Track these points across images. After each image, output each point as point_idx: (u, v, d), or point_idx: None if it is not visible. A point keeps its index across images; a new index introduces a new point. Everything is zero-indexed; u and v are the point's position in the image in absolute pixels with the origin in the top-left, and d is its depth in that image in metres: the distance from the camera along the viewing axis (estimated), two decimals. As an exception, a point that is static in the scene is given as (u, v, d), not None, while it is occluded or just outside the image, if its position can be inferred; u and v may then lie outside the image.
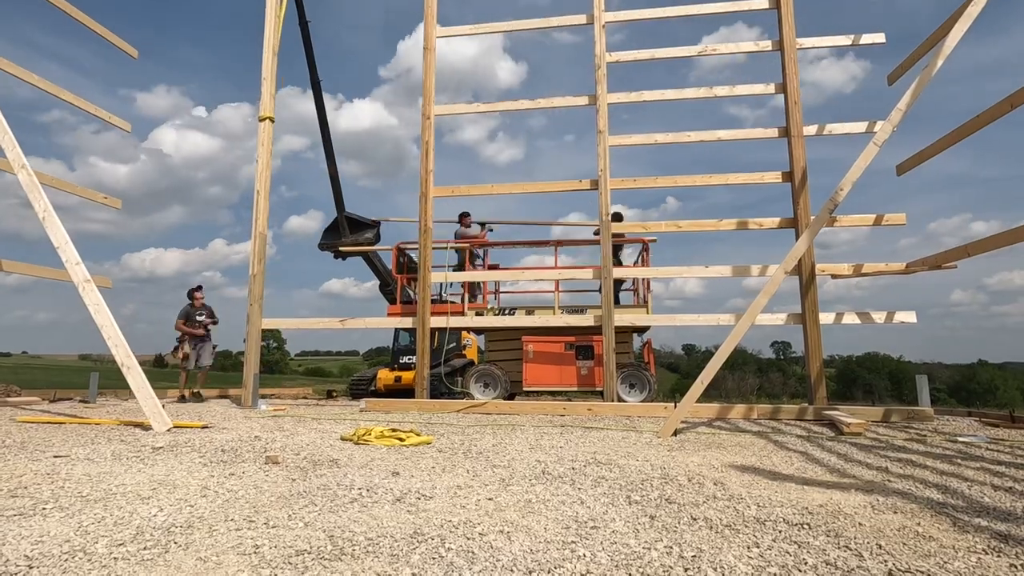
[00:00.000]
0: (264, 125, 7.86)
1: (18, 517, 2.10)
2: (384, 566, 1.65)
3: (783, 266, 5.54)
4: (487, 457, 3.50)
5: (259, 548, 1.79)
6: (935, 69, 5.65)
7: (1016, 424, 5.33)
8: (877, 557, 1.76)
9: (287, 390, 12.01)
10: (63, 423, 5.08)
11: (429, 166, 7.75)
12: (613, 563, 1.69)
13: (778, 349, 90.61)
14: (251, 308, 7.53)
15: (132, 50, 9.10)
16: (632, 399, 7.96)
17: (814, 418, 5.79)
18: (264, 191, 7.73)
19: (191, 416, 5.81)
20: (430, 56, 7.92)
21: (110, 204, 8.82)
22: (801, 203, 6.81)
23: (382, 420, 5.55)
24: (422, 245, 7.57)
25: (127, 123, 9.18)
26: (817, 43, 7.39)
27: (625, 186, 7.89)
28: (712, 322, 7.04)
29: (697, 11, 7.53)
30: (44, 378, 32.31)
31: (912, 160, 6.69)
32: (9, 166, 6.23)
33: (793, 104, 7.00)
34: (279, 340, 72.09)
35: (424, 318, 7.41)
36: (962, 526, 2.09)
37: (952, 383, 52.41)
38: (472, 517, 2.15)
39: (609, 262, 7.11)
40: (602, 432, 4.81)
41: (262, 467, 3.11)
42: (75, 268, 5.70)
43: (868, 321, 6.59)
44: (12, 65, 7.24)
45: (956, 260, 5.89)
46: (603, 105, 7.42)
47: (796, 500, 2.45)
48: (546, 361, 8.33)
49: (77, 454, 3.44)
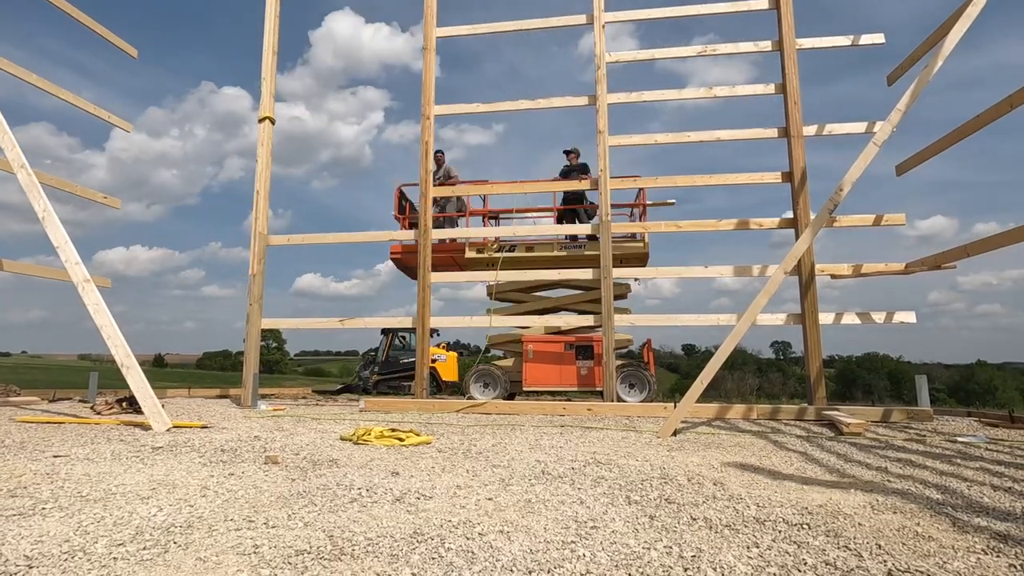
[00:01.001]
0: (264, 125, 7.85)
1: (17, 517, 2.10)
2: (384, 566, 1.65)
3: (783, 266, 5.54)
4: (487, 457, 3.50)
5: (259, 548, 1.79)
6: (934, 69, 5.65)
7: (1015, 424, 5.33)
8: (876, 557, 1.76)
9: (287, 390, 12.01)
10: (63, 423, 5.08)
11: (429, 166, 7.74)
12: (613, 563, 1.69)
13: (778, 349, 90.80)
14: (251, 308, 7.53)
15: (132, 50, 9.10)
16: (632, 399, 7.97)
17: (814, 418, 5.79)
18: (264, 191, 7.73)
19: (191, 416, 5.81)
20: (430, 56, 7.92)
21: (109, 204, 8.81)
22: (801, 203, 6.81)
23: (382, 420, 5.55)
24: (422, 245, 7.57)
25: (127, 123, 9.18)
26: (816, 44, 7.38)
27: (625, 186, 7.90)
28: (712, 322, 7.05)
29: (697, 11, 7.53)
30: (44, 378, 32.32)
31: (912, 160, 6.69)
32: (8, 166, 6.22)
33: (793, 104, 7.00)
34: (279, 340, 72.10)
35: (424, 318, 7.41)
36: (961, 526, 2.09)
37: (951, 383, 52.47)
38: (472, 517, 2.15)
39: (609, 262, 7.10)
40: (602, 432, 4.81)
41: (262, 467, 3.11)
42: (74, 268, 5.70)
43: (868, 321, 6.59)
44: (12, 65, 7.24)
45: (955, 260, 5.90)
46: (603, 105, 7.42)
47: (796, 500, 2.45)
48: (546, 361, 8.35)
49: (77, 454, 3.44)
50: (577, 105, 7.63)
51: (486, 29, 8.19)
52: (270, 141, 7.90)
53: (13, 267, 7.22)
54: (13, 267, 7.22)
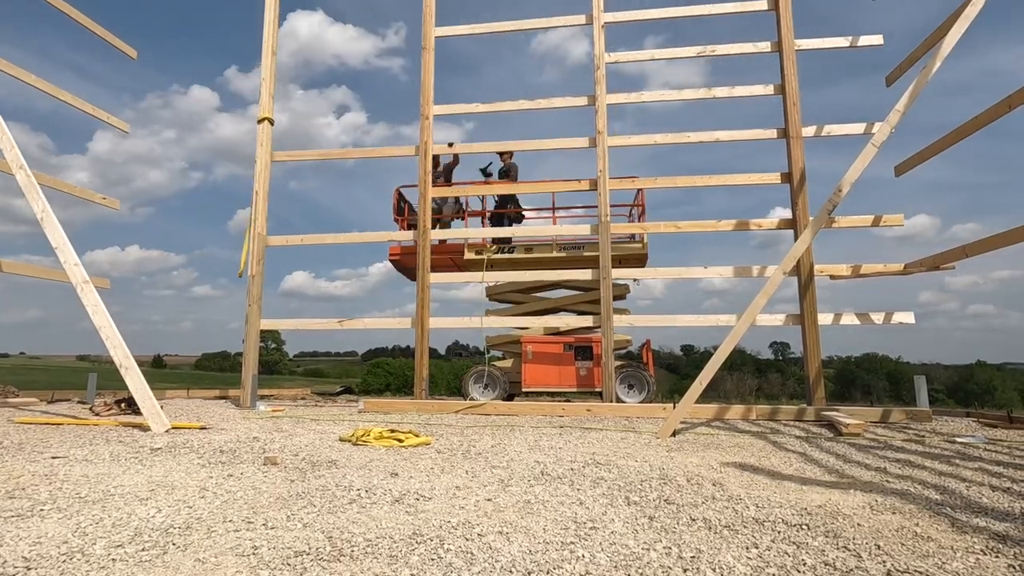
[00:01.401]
0: (263, 126, 7.85)
1: (16, 518, 2.10)
2: (383, 567, 1.65)
3: (782, 267, 5.54)
4: (486, 458, 3.50)
5: (257, 549, 1.79)
6: (933, 70, 5.65)
7: (1014, 425, 5.33)
8: (876, 558, 1.76)
9: (286, 391, 12.00)
10: (61, 424, 5.08)
11: (427, 166, 7.75)
12: (612, 564, 1.69)
13: (777, 350, 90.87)
14: (250, 309, 7.52)
15: (131, 51, 9.10)
16: (631, 400, 7.97)
17: (813, 419, 5.79)
18: (263, 192, 7.73)
19: (189, 417, 5.80)
20: (428, 56, 7.92)
21: (108, 204, 8.80)
22: (800, 204, 6.81)
23: (381, 421, 5.54)
24: (421, 246, 7.56)
25: (125, 124, 9.17)
26: (815, 44, 7.39)
27: (624, 186, 7.90)
28: (711, 323, 7.06)
29: (697, 11, 7.54)
30: (42, 379, 32.29)
31: (911, 160, 6.70)
32: (7, 167, 6.22)
33: (792, 105, 7.01)
34: (278, 341, 72.09)
35: (423, 318, 7.40)
36: (960, 526, 2.09)
37: (950, 384, 52.53)
38: (471, 518, 2.15)
39: (608, 262, 7.10)
40: (601, 433, 4.81)
41: (260, 468, 3.11)
42: (73, 269, 5.69)
43: (867, 322, 6.59)
44: (11, 66, 7.23)
45: (954, 261, 5.90)
46: (602, 106, 7.42)
47: (795, 501, 2.45)
48: (545, 362, 8.36)
49: (75, 455, 3.43)
50: (576, 106, 7.63)
51: (485, 29, 8.19)
52: (269, 141, 7.90)
53: (13, 268, 7.21)
54: (13, 268, 7.21)
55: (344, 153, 8.67)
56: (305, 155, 8.67)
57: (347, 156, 8.77)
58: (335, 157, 8.55)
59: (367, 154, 8.75)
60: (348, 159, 8.94)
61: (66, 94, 7.99)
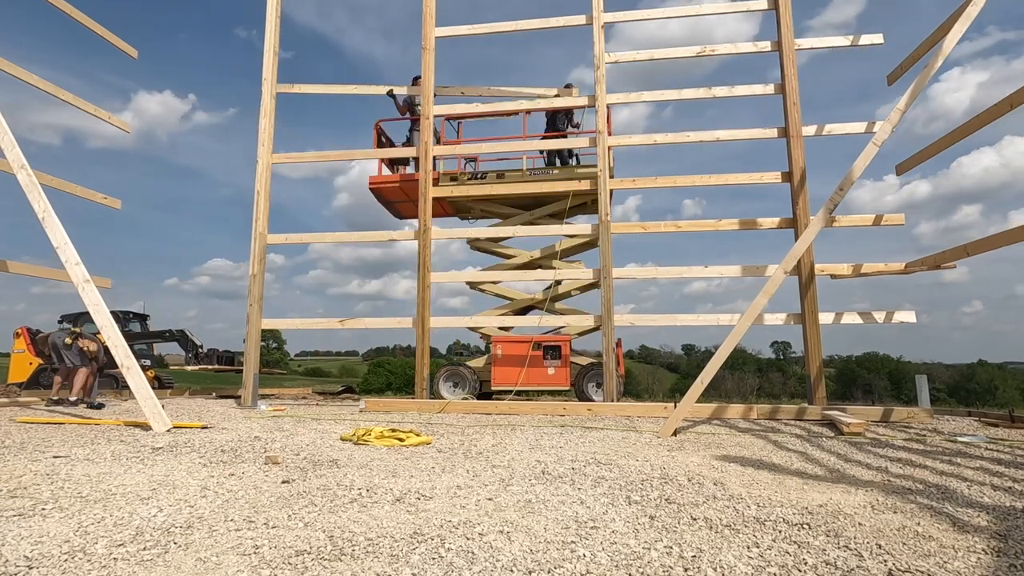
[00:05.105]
0: (265, 126, 7.86)
1: (17, 517, 2.10)
2: (384, 566, 1.65)
3: (783, 266, 5.54)
4: (487, 457, 3.50)
5: (259, 548, 1.79)
6: (934, 69, 5.65)
7: (1016, 424, 5.33)
8: (877, 557, 1.76)
9: (287, 390, 12.01)
10: (63, 423, 5.08)
11: (428, 166, 7.75)
12: (613, 563, 1.69)
13: (778, 349, 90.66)
14: (251, 309, 7.53)
15: (132, 50, 9.10)
16: (599, 398, 8.02)
17: (814, 418, 5.79)
18: (264, 192, 7.74)
19: (191, 417, 5.81)
20: (429, 56, 7.92)
21: (109, 204, 8.81)
22: (800, 203, 6.81)
23: (382, 420, 5.55)
24: (421, 246, 7.57)
25: (126, 124, 9.18)
26: (815, 43, 7.39)
27: (624, 186, 7.89)
28: (712, 322, 7.06)
29: (697, 11, 7.54)
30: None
31: (912, 160, 6.70)
32: (9, 167, 6.23)
33: (792, 105, 7.00)
34: (279, 340, 72.02)
35: (424, 318, 7.41)
36: (962, 526, 2.09)
37: (952, 383, 52.40)
38: (472, 517, 2.15)
39: (609, 262, 7.10)
40: (602, 432, 4.81)
41: (262, 467, 3.11)
42: (75, 268, 5.70)
43: (869, 321, 6.59)
44: (11, 65, 7.24)
45: (955, 260, 5.90)
46: (602, 105, 7.43)
47: (796, 500, 2.45)
48: (513, 364, 8.44)
49: (77, 454, 3.44)
50: (577, 106, 7.63)
51: (485, 29, 8.19)
52: (271, 141, 7.91)
53: (16, 268, 7.23)
54: (16, 268, 7.23)
55: (344, 155, 8.63)
56: (304, 157, 8.68)
57: (347, 157, 8.73)
58: (335, 159, 8.55)
59: (368, 155, 8.77)
60: (348, 160, 8.93)
61: (67, 94, 8.00)
